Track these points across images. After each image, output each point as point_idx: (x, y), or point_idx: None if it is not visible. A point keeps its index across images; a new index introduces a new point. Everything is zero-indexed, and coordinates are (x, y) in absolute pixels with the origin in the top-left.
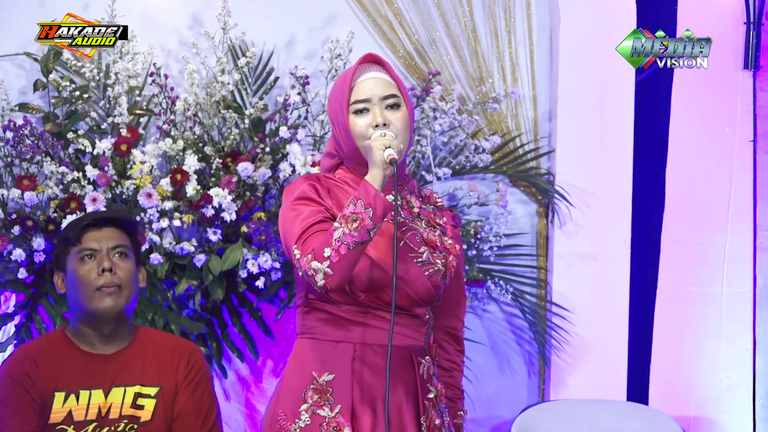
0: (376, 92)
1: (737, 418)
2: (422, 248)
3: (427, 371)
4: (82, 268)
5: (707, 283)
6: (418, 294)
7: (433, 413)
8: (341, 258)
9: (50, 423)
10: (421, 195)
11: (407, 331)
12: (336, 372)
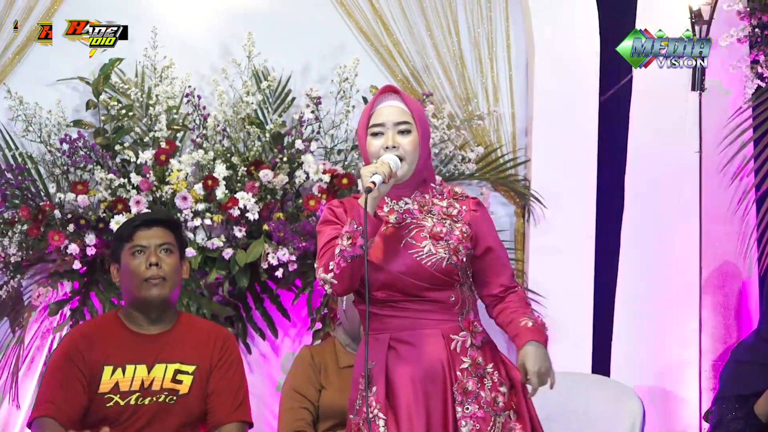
0: (391, 118)
1: (686, 387)
2: (424, 242)
3: (462, 345)
4: (132, 262)
5: (661, 273)
6: (423, 281)
7: (467, 380)
8: (342, 270)
9: (99, 392)
10: (442, 192)
11: (434, 315)
12: (377, 360)
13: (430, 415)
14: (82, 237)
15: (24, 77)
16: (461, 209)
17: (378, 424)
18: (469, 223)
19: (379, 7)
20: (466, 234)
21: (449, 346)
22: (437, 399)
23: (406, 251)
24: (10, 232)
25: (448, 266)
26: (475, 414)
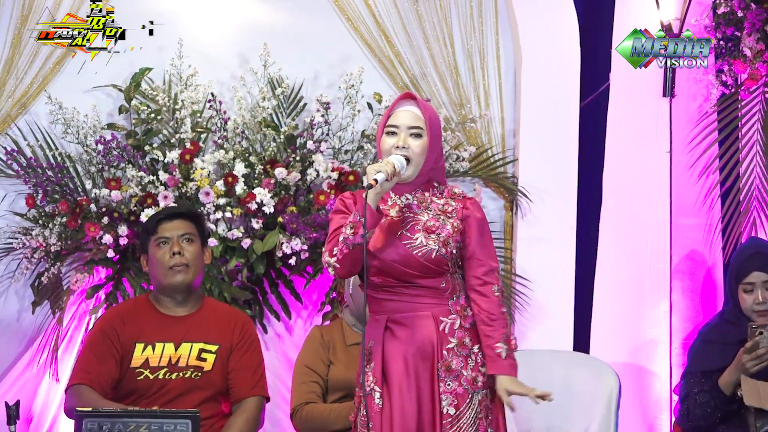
0: (405, 122)
1: (658, 364)
2: (417, 235)
3: (450, 327)
4: (158, 252)
5: (635, 260)
6: (414, 269)
7: (451, 359)
8: (344, 255)
9: (131, 367)
10: (442, 191)
11: (427, 299)
12: (375, 338)
13: (420, 389)
14: (116, 228)
15: (63, 85)
16: (456, 207)
17: (374, 396)
18: (461, 219)
19: (382, 22)
20: (457, 229)
21: (439, 328)
22: (426, 375)
23: (400, 242)
24: (50, 224)
25: (438, 257)
26: (455, 390)
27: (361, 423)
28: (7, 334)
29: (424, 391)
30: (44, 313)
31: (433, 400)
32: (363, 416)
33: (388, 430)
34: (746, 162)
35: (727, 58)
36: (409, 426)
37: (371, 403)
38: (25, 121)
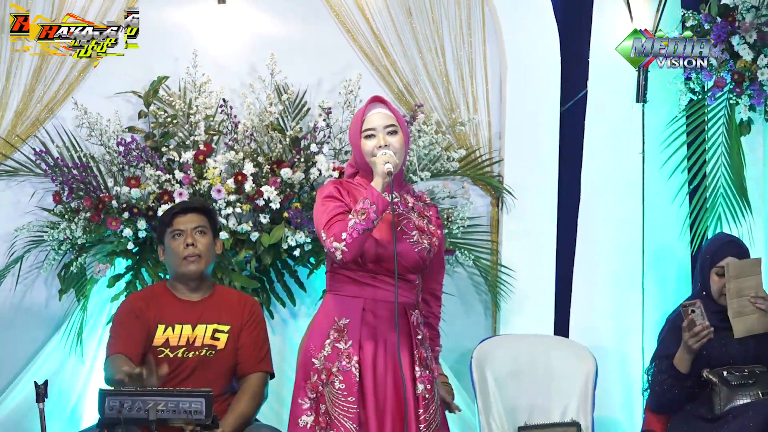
0: (381, 123)
1: (630, 345)
2: (414, 232)
3: (417, 320)
4: (173, 243)
5: (611, 253)
6: (410, 264)
7: (422, 349)
8: (353, 240)
9: (153, 345)
10: (414, 194)
11: (403, 292)
12: (350, 317)
13: (395, 372)
14: (135, 223)
15: (87, 91)
16: (431, 214)
17: (353, 372)
18: (437, 226)
19: (379, 33)
20: (438, 236)
21: (409, 319)
22: (405, 362)
23: (401, 236)
24: (75, 218)
25: (427, 255)
26: (426, 377)
27: (335, 395)
28: (36, 320)
29: (406, 376)
30: (70, 300)
31: (412, 384)
32: (340, 390)
33: (371, 406)
34: (712, 162)
35: (696, 67)
36: (383, 403)
37: (351, 379)
38: (53, 125)
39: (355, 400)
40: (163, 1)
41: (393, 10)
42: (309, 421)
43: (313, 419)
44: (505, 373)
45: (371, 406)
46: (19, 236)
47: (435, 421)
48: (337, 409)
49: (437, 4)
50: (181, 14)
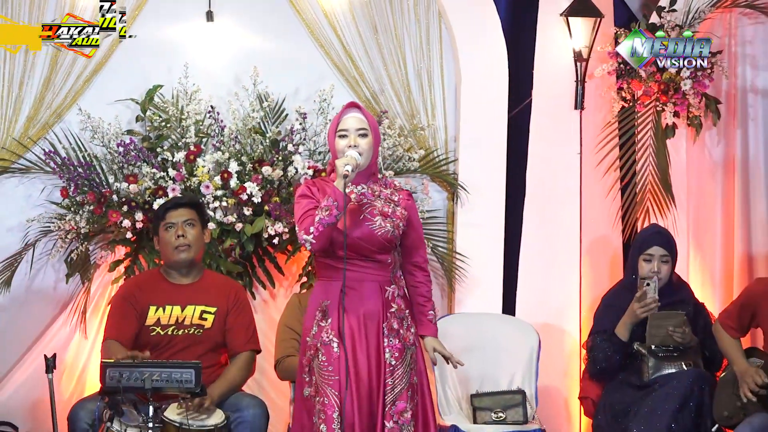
0: (353, 126)
1: (569, 322)
2: (376, 218)
3: (392, 294)
4: (166, 235)
5: (552, 241)
6: (374, 246)
7: (393, 320)
8: (320, 233)
9: (146, 325)
10: (385, 183)
11: (375, 271)
12: (330, 299)
13: (368, 343)
14: (133, 215)
15: (91, 98)
16: (400, 198)
17: (332, 346)
18: (404, 208)
19: (349, 48)
20: (403, 215)
21: (384, 294)
22: (373, 332)
23: (363, 223)
24: (80, 211)
25: (391, 236)
26: (395, 346)
27: (320, 366)
28: (45, 300)
29: (372, 345)
30: (75, 283)
31: (378, 352)
32: (322, 362)
33: (344, 374)
34: (641, 162)
35: (626, 78)
36: (361, 371)
37: (330, 351)
38: (60, 128)
39: (335, 370)
40: (158, 18)
41: (361, 27)
42: (309, 391)
43: (311, 390)
44: (460, 347)
45: (352, 374)
46: (31, 226)
47: (400, 385)
48: (322, 379)
49: (400, 22)
50: (174, 30)
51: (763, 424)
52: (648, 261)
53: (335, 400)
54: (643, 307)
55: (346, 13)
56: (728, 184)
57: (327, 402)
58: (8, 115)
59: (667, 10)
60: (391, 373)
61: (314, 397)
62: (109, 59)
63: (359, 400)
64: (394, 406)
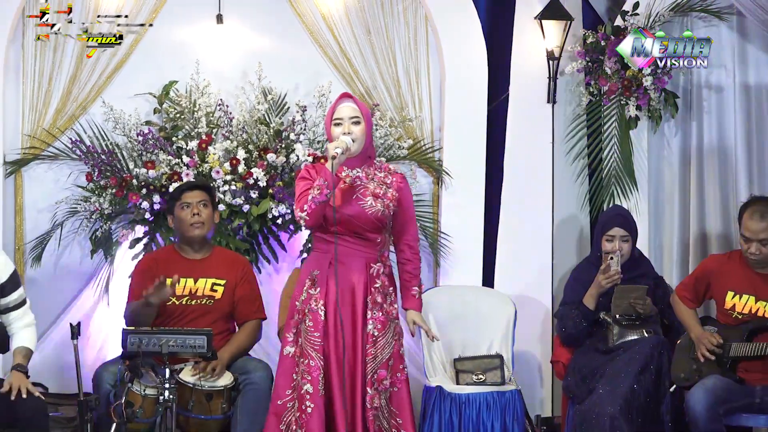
0: (347, 114)
1: (542, 293)
2: (368, 198)
3: (377, 271)
4: (181, 213)
5: (527, 221)
6: (365, 225)
7: (377, 295)
8: (312, 211)
9: None
10: (380, 167)
11: (363, 248)
12: (320, 269)
13: (354, 314)
14: (151, 197)
15: (113, 92)
16: (393, 180)
17: (319, 313)
18: (396, 191)
19: (345, 48)
20: (394, 197)
21: (368, 271)
22: (359, 305)
23: (356, 202)
24: (104, 193)
25: (381, 216)
26: (378, 318)
27: (306, 331)
28: (72, 274)
29: (357, 315)
30: (99, 259)
31: (364, 323)
32: (309, 327)
33: (331, 339)
34: (607, 150)
35: (593, 75)
36: (346, 340)
37: (317, 318)
38: (85, 120)
39: (320, 336)
40: (173, 21)
41: (356, 29)
42: (291, 351)
43: (294, 349)
44: (444, 316)
45: (332, 340)
46: (59, 208)
47: (381, 355)
48: (307, 343)
49: (390, 24)
50: (187, 32)
51: (714, 384)
52: (610, 241)
53: (320, 363)
54: (607, 279)
55: (342, 17)
56: (685, 170)
57: (313, 364)
58: (38, 107)
59: (630, 13)
60: (374, 343)
61: (298, 358)
62: (129, 57)
63: (342, 365)
64: (375, 375)
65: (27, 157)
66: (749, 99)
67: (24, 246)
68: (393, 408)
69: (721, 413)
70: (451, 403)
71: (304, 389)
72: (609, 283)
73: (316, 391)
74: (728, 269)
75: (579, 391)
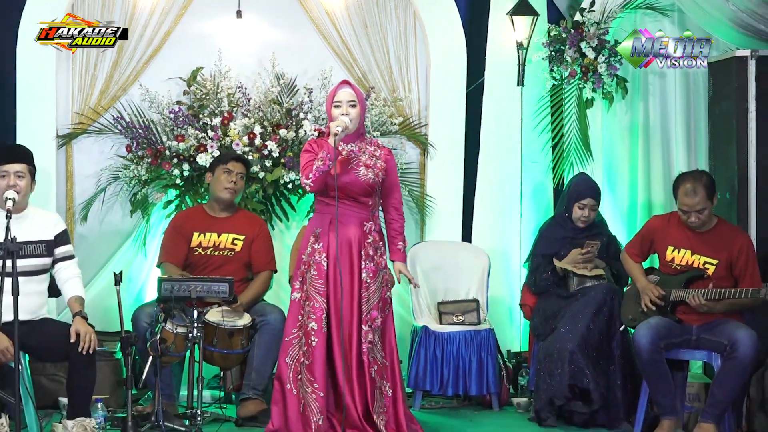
0: (345, 98)
1: (512, 247)
2: (361, 168)
3: (370, 228)
4: (222, 176)
5: (500, 187)
6: (359, 190)
7: (369, 249)
8: (316, 178)
9: (191, 247)
10: (371, 142)
11: (357, 209)
12: (322, 227)
13: (352, 264)
14: (181, 165)
15: (149, 76)
16: (381, 153)
17: (322, 264)
18: (384, 161)
19: (345, 39)
20: (382, 167)
21: (362, 228)
22: (355, 256)
23: (351, 171)
24: (141, 162)
25: (372, 183)
26: (370, 268)
27: (312, 279)
28: (114, 231)
29: (355, 265)
30: (137, 218)
31: (359, 272)
32: (314, 275)
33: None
34: (567, 126)
35: (556, 62)
36: (344, 285)
37: (321, 268)
38: (125, 100)
39: (323, 282)
40: (199, 17)
41: (354, 23)
42: (298, 296)
43: (300, 295)
44: (429, 267)
45: (332, 286)
46: (103, 174)
47: (373, 298)
48: (312, 289)
49: (384, 19)
50: (211, 24)
51: (657, 323)
52: (582, 208)
53: (323, 305)
54: (585, 260)
55: (343, 12)
56: (633, 144)
57: (317, 306)
58: (86, 89)
59: (587, 10)
60: (367, 288)
61: (304, 301)
62: (162, 47)
63: (341, 306)
64: (369, 314)
65: (76, 132)
66: (687, 83)
67: (74, 207)
68: (384, 342)
69: (662, 347)
70: (435, 340)
71: (310, 326)
72: (585, 262)
73: (320, 328)
74: (669, 228)
75: (543, 330)
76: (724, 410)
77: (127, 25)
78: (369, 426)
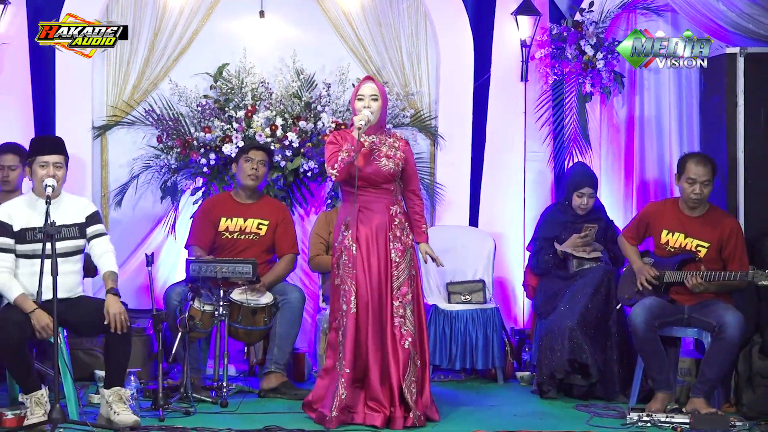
0: (368, 93)
1: (516, 231)
2: (382, 158)
3: (396, 212)
4: (245, 165)
5: (504, 174)
6: (381, 179)
7: (396, 230)
8: (341, 169)
9: (218, 231)
10: (390, 134)
11: (382, 196)
12: (351, 216)
13: (379, 246)
14: (208, 155)
15: (178, 72)
16: (400, 145)
17: (352, 249)
18: (403, 152)
19: (361, 37)
20: (402, 157)
21: (389, 212)
22: (382, 238)
23: (373, 162)
24: (171, 152)
25: (393, 172)
26: (398, 248)
27: (343, 264)
28: (146, 216)
29: (381, 248)
30: (167, 204)
31: (386, 252)
32: (345, 261)
33: (360, 268)
34: (567, 119)
35: (557, 59)
36: (373, 266)
37: (351, 253)
38: (156, 93)
39: (353, 266)
40: (225, 17)
41: (369, 22)
42: (337, 282)
43: (337, 280)
44: (438, 249)
45: (362, 269)
46: (136, 163)
47: (402, 276)
48: (345, 273)
49: (397, 19)
50: (236, 24)
51: (651, 303)
52: (580, 197)
53: (353, 288)
54: (582, 246)
55: (359, 13)
56: (629, 136)
57: (348, 289)
58: (119, 83)
59: (587, 10)
60: (396, 267)
61: (340, 285)
62: (190, 45)
63: (371, 287)
64: (399, 290)
65: (110, 123)
66: (680, 79)
67: (108, 193)
68: (414, 316)
69: (656, 325)
70: (444, 318)
71: (343, 308)
72: (584, 245)
73: (349, 309)
74: (663, 213)
75: (545, 308)
76: (714, 387)
77: (158, 24)
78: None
